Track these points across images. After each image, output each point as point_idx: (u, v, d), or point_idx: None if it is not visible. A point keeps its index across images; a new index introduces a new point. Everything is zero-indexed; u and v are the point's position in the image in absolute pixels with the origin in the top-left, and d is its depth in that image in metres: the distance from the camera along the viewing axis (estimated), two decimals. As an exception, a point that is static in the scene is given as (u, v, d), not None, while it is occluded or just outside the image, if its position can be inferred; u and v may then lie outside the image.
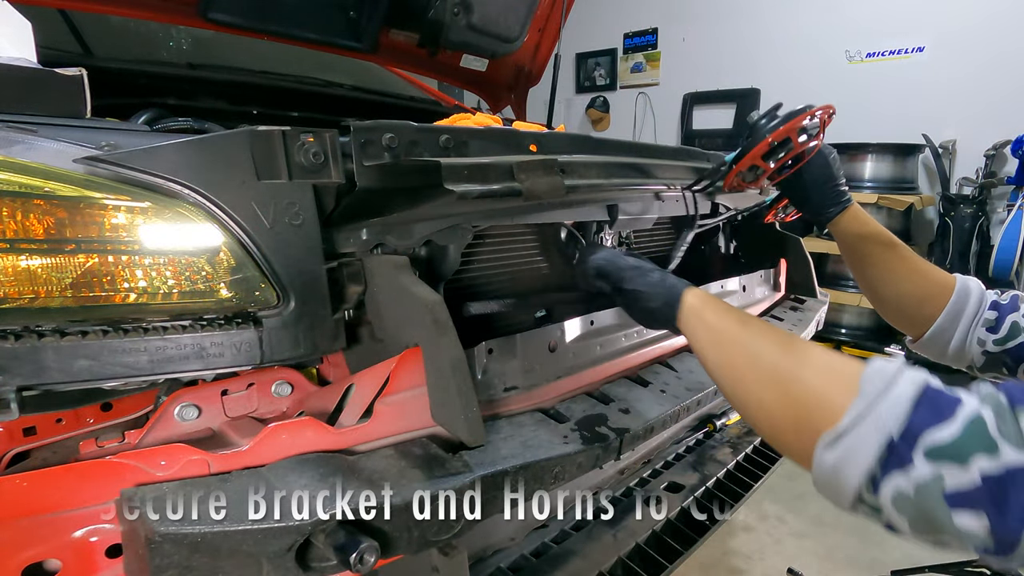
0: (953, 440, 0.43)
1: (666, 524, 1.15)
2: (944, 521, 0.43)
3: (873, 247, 0.94)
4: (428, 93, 2.03)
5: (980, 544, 0.42)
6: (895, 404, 0.46)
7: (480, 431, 0.64)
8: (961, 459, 0.42)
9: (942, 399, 0.46)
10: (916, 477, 0.43)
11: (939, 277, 0.89)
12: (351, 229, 0.72)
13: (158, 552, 0.50)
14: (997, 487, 0.41)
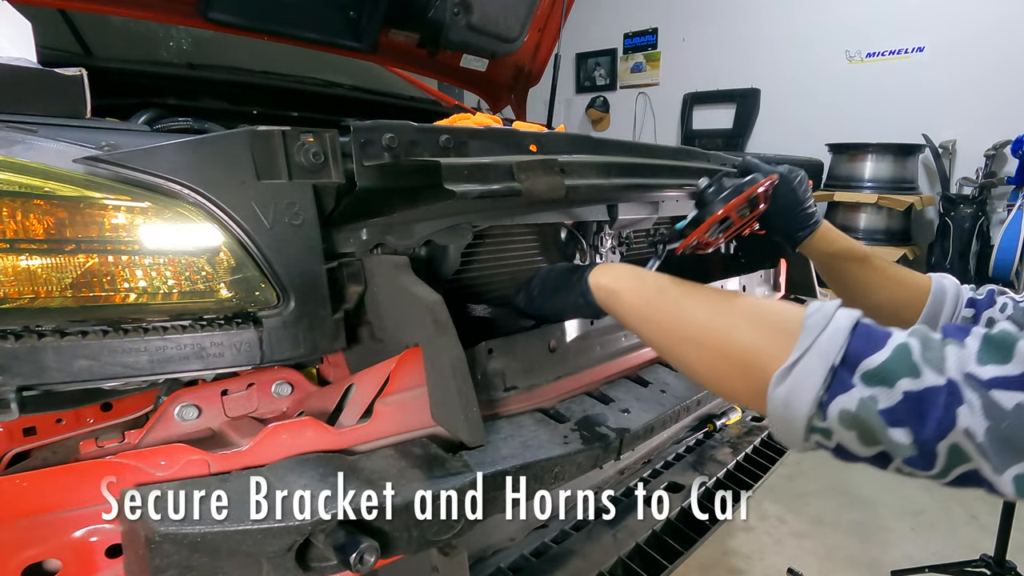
0: (883, 363, 0.48)
1: (666, 524, 1.15)
2: (881, 434, 0.48)
3: (844, 263, 0.96)
4: (428, 93, 2.03)
5: (908, 454, 0.47)
6: (835, 335, 0.51)
7: (480, 431, 0.64)
8: (888, 382, 0.48)
9: (875, 331, 0.52)
10: (856, 396, 0.49)
11: (914, 282, 0.91)
12: (351, 229, 0.72)
13: (158, 552, 0.50)
14: (918, 404, 0.46)
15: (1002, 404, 0.43)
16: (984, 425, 0.43)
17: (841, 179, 3.76)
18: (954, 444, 0.45)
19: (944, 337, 0.49)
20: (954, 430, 0.45)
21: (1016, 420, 0.42)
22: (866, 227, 3.70)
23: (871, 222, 3.69)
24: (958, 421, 0.45)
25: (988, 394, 0.44)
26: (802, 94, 4.37)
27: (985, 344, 0.46)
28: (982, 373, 0.44)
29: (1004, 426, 0.43)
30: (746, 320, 0.60)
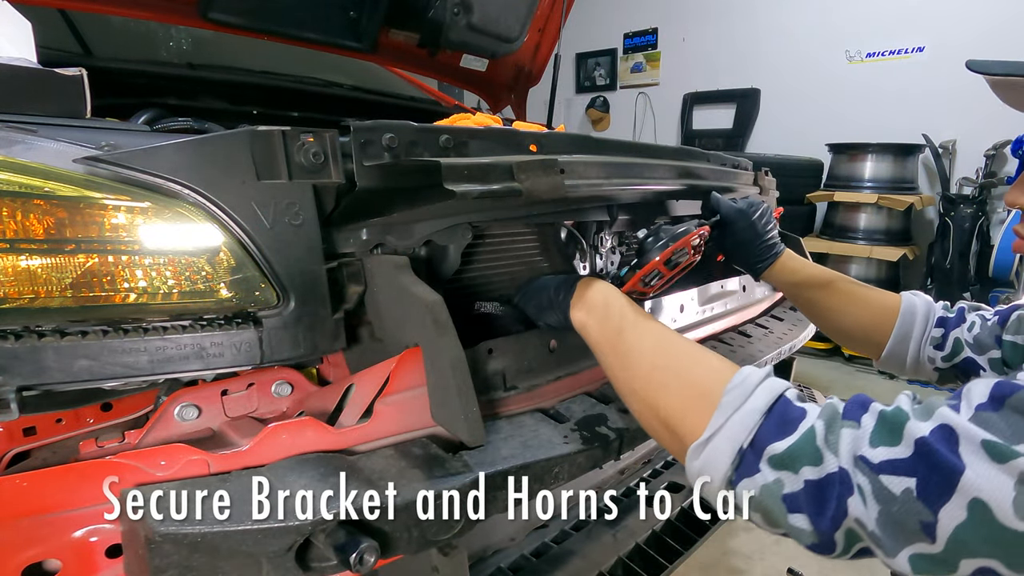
0: (788, 449, 0.49)
1: (666, 524, 1.15)
2: (782, 520, 0.49)
3: (808, 291, 0.97)
4: (428, 93, 2.03)
5: (809, 541, 0.48)
6: (747, 417, 0.52)
7: (480, 431, 0.64)
8: (793, 467, 0.48)
9: (789, 412, 0.51)
10: (760, 481, 0.50)
11: (883, 302, 0.90)
12: (351, 229, 0.72)
13: (158, 552, 0.50)
14: (817, 491, 0.46)
15: (891, 489, 0.42)
16: (875, 510, 0.43)
17: (841, 179, 3.77)
18: (848, 530, 0.46)
19: (844, 416, 0.48)
20: (847, 519, 0.45)
21: (905, 504, 0.42)
22: (866, 227, 3.70)
23: (871, 222, 3.69)
24: (849, 511, 0.45)
25: (878, 479, 0.43)
26: (802, 94, 4.37)
27: (879, 424, 0.45)
28: (873, 456, 0.44)
29: (895, 510, 0.42)
30: (678, 382, 0.60)
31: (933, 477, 0.41)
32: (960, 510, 0.39)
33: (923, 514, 0.41)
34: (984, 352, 0.80)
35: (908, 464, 0.42)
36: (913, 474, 0.42)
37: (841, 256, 3.76)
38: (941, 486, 0.40)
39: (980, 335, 0.80)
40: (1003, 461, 0.38)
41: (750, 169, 1.35)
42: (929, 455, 0.41)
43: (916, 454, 0.42)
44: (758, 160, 1.47)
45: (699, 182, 1.08)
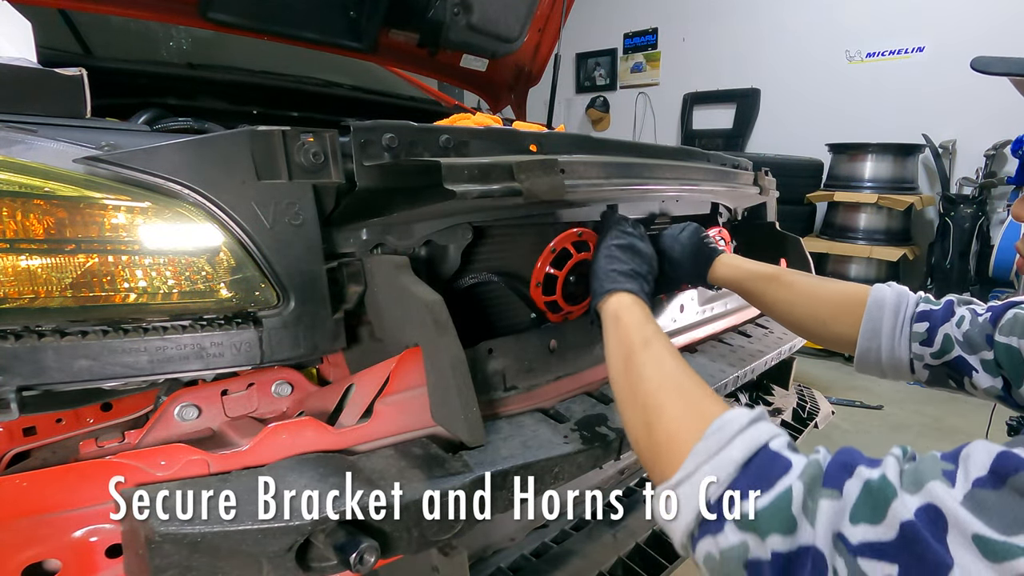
0: (759, 513, 0.43)
1: (666, 524, 1.15)
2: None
3: (754, 284, 0.93)
4: (428, 93, 2.03)
5: None
6: (719, 469, 0.47)
7: (480, 431, 0.64)
8: (761, 533, 0.42)
9: (770, 465, 0.46)
10: (723, 543, 0.45)
11: (843, 293, 0.84)
12: (351, 229, 0.72)
13: (158, 552, 0.50)
14: (785, 564, 0.41)
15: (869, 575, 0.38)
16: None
17: (841, 179, 3.77)
18: None
19: (826, 482, 0.43)
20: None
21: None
22: (866, 227, 3.70)
23: (871, 222, 3.69)
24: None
25: (856, 562, 0.38)
26: (802, 94, 4.37)
27: (863, 495, 0.40)
28: (852, 535, 0.39)
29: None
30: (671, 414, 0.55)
31: (917, 568, 0.36)
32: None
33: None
34: (975, 352, 0.71)
35: (891, 549, 0.37)
36: (895, 560, 0.37)
37: (841, 256, 3.76)
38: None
39: (971, 332, 0.72)
40: (996, 560, 0.34)
41: (750, 169, 1.35)
42: (915, 542, 0.37)
43: (901, 538, 0.37)
44: (758, 160, 1.47)
45: (698, 186, 1.08)
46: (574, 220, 1.02)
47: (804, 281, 0.89)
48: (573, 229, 0.95)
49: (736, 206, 1.45)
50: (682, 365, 0.61)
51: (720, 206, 1.41)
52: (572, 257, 0.95)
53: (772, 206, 1.52)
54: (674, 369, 0.61)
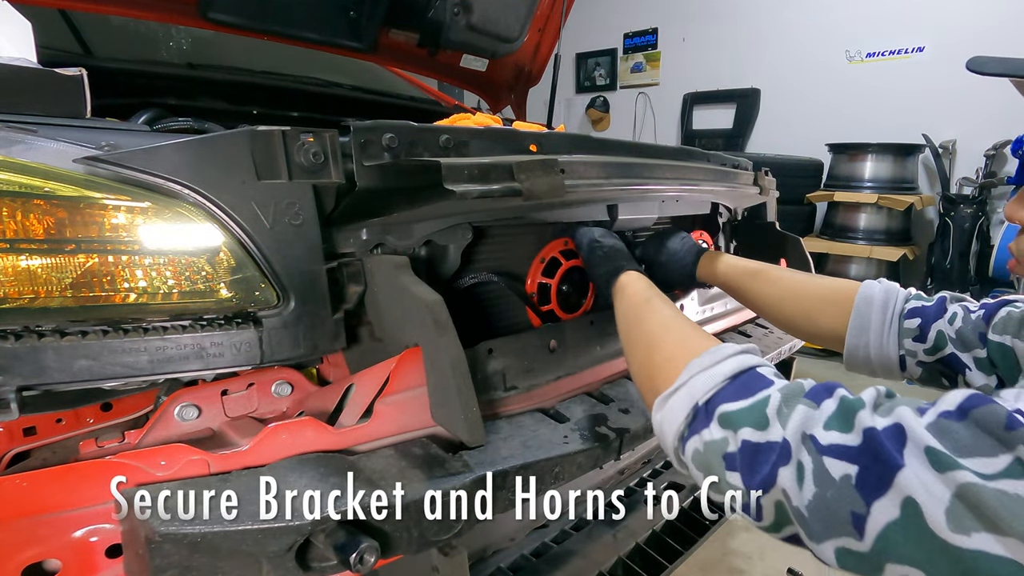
0: (739, 411, 0.49)
1: (666, 524, 1.15)
2: (721, 477, 0.49)
3: (741, 281, 0.95)
4: (428, 93, 2.03)
5: (741, 503, 0.48)
6: (710, 378, 0.53)
7: (480, 431, 0.64)
8: (736, 427, 0.48)
9: (755, 380, 0.52)
10: (707, 437, 0.51)
11: (828, 289, 0.85)
12: (351, 229, 0.72)
13: (158, 552, 0.50)
14: (752, 456, 0.47)
15: (831, 472, 0.42)
16: (811, 492, 0.42)
17: (841, 179, 3.77)
18: (778, 501, 0.45)
19: (807, 395, 0.47)
20: (775, 487, 0.45)
21: (841, 491, 0.41)
22: (866, 227, 3.70)
23: (871, 222, 3.69)
24: (778, 480, 0.44)
25: (821, 460, 0.42)
26: (802, 94, 4.37)
27: (838, 409, 0.45)
28: (823, 438, 0.43)
29: (829, 495, 0.41)
30: (672, 341, 0.63)
31: (874, 468, 0.40)
32: (893, 507, 0.39)
33: (856, 504, 0.40)
34: (969, 350, 0.71)
35: (854, 452, 0.41)
36: (856, 462, 0.41)
37: (841, 256, 3.76)
38: (880, 478, 0.39)
39: (963, 330, 0.71)
40: (942, 471, 0.37)
41: (750, 169, 1.35)
42: (875, 447, 0.40)
43: (864, 443, 0.41)
44: (758, 160, 1.47)
45: (698, 186, 1.08)
46: (574, 220, 1.02)
47: (791, 276, 0.90)
48: (559, 239, 0.98)
49: (736, 206, 1.45)
50: (681, 314, 0.70)
51: (720, 206, 1.41)
52: (562, 265, 0.96)
53: (772, 206, 1.52)
54: (674, 315, 0.69)
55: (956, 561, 0.36)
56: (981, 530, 0.35)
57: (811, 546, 0.44)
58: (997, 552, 0.35)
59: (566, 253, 0.99)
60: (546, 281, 0.97)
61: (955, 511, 0.36)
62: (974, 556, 0.35)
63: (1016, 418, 0.37)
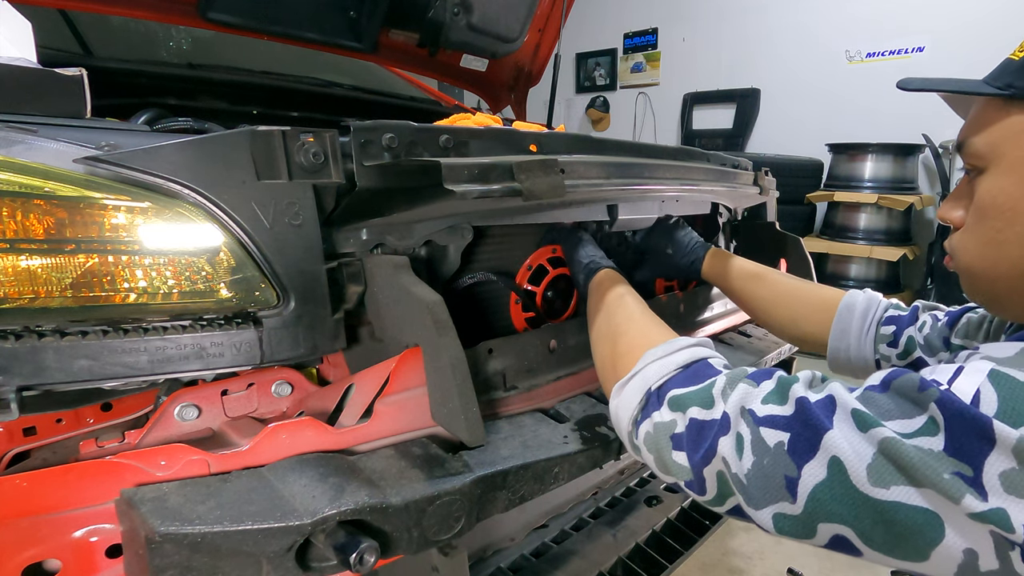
0: (687, 394, 0.53)
1: (666, 524, 1.15)
2: (667, 457, 0.53)
3: (741, 282, 0.99)
4: (428, 93, 2.03)
5: (685, 477, 0.52)
6: (663, 367, 0.58)
7: (480, 431, 0.64)
8: (684, 408, 0.53)
9: (705, 369, 0.56)
10: (658, 419, 0.55)
11: (820, 296, 0.90)
12: (351, 229, 0.72)
13: (158, 552, 0.50)
14: (698, 432, 0.51)
15: (767, 441, 0.45)
16: (750, 461, 0.46)
17: (841, 179, 3.76)
18: (719, 471, 0.49)
19: (749, 376, 0.52)
20: (716, 457, 0.49)
21: (776, 457, 0.44)
22: (866, 227, 3.70)
23: (871, 222, 3.69)
24: (719, 450, 0.48)
25: (758, 430, 0.46)
26: (802, 94, 4.37)
27: (776, 386, 0.49)
28: (760, 410, 0.47)
29: (766, 463, 0.45)
30: (632, 335, 0.67)
31: (804, 433, 0.43)
32: (821, 468, 0.42)
33: (789, 468, 0.43)
34: (934, 354, 0.77)
35: (786, 420, 0.45)
36: (788, 430, 0.44)
37: (841, 256, 3.76)
38: (809, 442, 0.43)
39: (931, 336, 0.78)
40: (864, 429, 0.41)
41: (750, 169, 1.35)
42: (805, 414, 0.44)
43: (796, 412, 0.45)
44: (758, 160, 1.47)
45: (698, 187, 1.08)
46: (574, 220, 1.02)
47: (786, 281, 0.96)
48: (547, 246, 1.00)
49: (736, 206, 1.46)
50: (648, 311, 0.73)
51: (720, 206, 1.41)
52: (549, 273, 0.98)
53: (772, 206, 1.52)
54: (642, 311, 0.72)
55: (878, 512, 0.39)
56: (900, 483, 0.39)
57: (751, 513, 0.47)
58: (914, 502, 0.38)
59: (553, 261, 1.01)
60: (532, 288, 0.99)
61: (876, 466, 0.40)
62: (894, 507, 0.39)
63: (927, 381, 0.41)
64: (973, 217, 0.54)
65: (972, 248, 0.54)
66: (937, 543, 0.38)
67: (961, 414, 0.38)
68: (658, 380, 0.57)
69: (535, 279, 0.99)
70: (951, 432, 0.38)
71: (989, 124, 0.51)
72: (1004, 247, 0.50)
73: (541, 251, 0.99)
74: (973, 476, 0.36)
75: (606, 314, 0.75)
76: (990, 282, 0.53)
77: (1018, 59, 0.50)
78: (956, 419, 0.38)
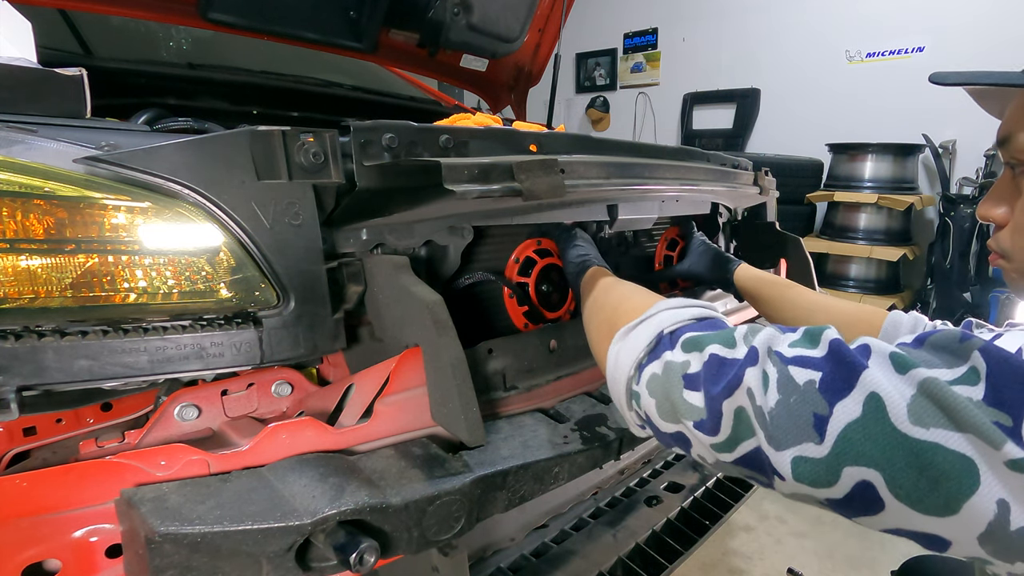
0: (704, 335, 0.51)
1: (666, 524, 1.15)
2: (676, 396, 0.49)
3: (774, 289, 1.00)
4: (428, 93, 2.03)
5: (697, 417, 0.48)
6: (677, 314, 0.55)
7: (480, 431, 0.64)
8: (702, 347, 0.50)
9: (719, 322, 0.54)
10: (669, 358, 0.51)
11: (860, 309, 0.89)
12: (351, 229, 0.72)
13: (158, 552, 0.50)
14: (719, 367, 0.48)
15: (796, 379, 0.43)
16: (775, 399, 0.43)
17: (841, 179, 3.76)
18: (739, 408, 0.46)
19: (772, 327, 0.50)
20: (740, 388, 0.45)
21: (805, 395, 0.42)
22: (866, 227, 3.70)
23: (871, 222, 3.69)
24: (744, 379, 0.45)
25: (786, 368, 0.44)
26: (802, 94, 4.36)
27: (804, 334, 0.47)
28: (788, 352, 0.45)
29: (793, 400, 0.42)
30: (636, 301, 0.63)
31: (839, 371, 0.41)
32: (856, 405, 0.40)
33: (819, 406, 0.41)
34: None
35: (818, 361, 0.43)
36: (820, 369, 0.42)
37: (841, 256, 3.76)
38: (844, 379, 0.41)
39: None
40: (903, 371, 0.39)
41: (750, 169, 1.35)
42: (839, 353, 0.42)
43: (829, 353, 0.43)
44: (758, 160, 1.47)
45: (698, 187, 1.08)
46: (574, 220, 1.02)
47: (821, 295, 0.96)
48: (532, 239, 1.00)
49: (736, 206, 1.46)
50: (646, 289, 0.70)
51: (720, 206, 1.41)
52: (537, 264, 0.98)
53: (772, 206, 1.52)
54: (638, 289, 0.70)
55: (914, 455, 0.37)
56: (940, 425, 0.37)
57: (769, 455, 0.44)
58: (952, 446, 0.36)
59: (541, 252, 1.02)
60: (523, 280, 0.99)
61: (918, 404, 0.38)
62: (932, 448, 0.37)
63: (968, 333, 0.40)
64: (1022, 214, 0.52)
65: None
66: (971, 494, 0.36)
67: (1007, 360, 0.37)
68: (672, 325, 0.54)
69: (524, 271, 0.99)
70: (992, 381, 0.37)
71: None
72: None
73: (527, 243, 0.99)
74: (1012, 426, 0.35)
75: (603, 291, 0.73)
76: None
77: None
78: (1000, 366, 0.37)
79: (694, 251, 1.20)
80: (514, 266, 0.98)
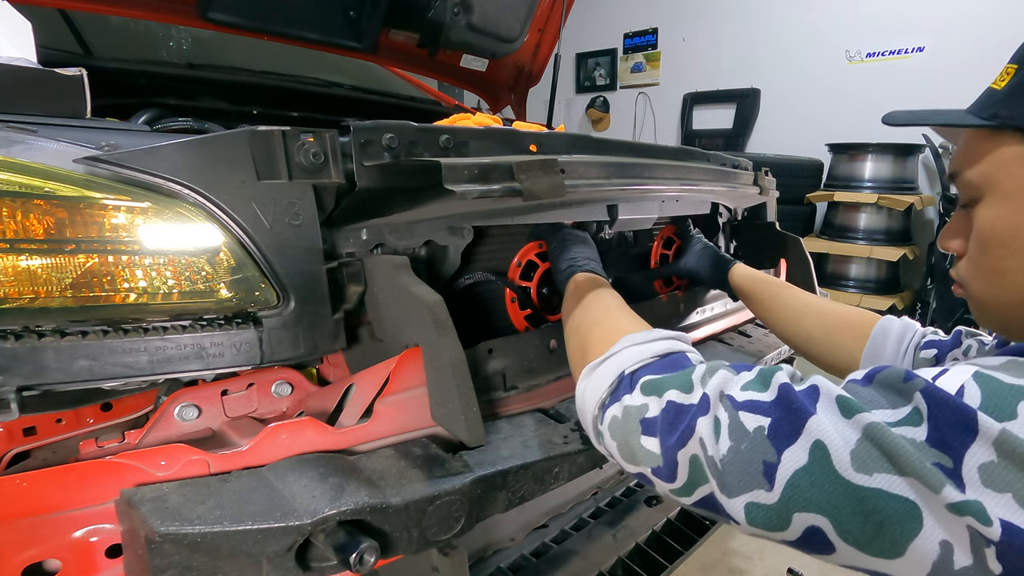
0: (663, 379, 0.52)
1: (666, 524, 1.15)
2: (635, 442, 0.51)
3: (767, 288, 1.00)
4: (428, 93, 2.03)
5: (654, 464, 0.50)
6: (640, 352, 0.56)
7: (480, 431, 0.64)
8: (660, 392, 0.51)
9: (682, 360, 0.55)
10: (628, 402, 0.53)
11: (851, 312, 0.88)
12: (351, 229, 0.72)
13: (158, 552, 0.50)
14: (675, 415, 0.49)
15: (746, 425, 0.44)
16: (727, 446, 0.44)
17: (841, 179, 3.76)
18: (694, 455, 0.47)
19: (729, 366, 0.51)
20: (692, 439, 0.47)
21: (754, 442, 0.43)
22: (866, 227, 3.70)
23: (871, 222, 3.69)
24: (696, 429, 0.46)
25: (737, 415, 0.45)
26: (802, 94, 4.37)
27: (757, 375, 0.48)
28: (740, 396, 0.46)
29: (743, 448, 0.43)
30: (609, 322, 0.65)
31: (786, 418, 0.42)
32: (803, 453, 0.41)
33: (768, 453, 0.42)
34: None
35: (768, 406, 0.44)
36: (769, 415, 0.43)
37: (841, 256, 3.76)
38: (791, 425, 0.42)
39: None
40: (849, 415, 0.40)
41: (750, 169, 1.35)
42: (788, 400, 0.43)
43: (778, 398, 0.44)
44: (758, 160, 1.47)
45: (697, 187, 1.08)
46: (574, 220, 1.02)
47: (815, 297, 0.95)
48: (534, 242, 1.00)
49: (736, 206, 1.45)
50: (625, 306, 0.72)
51: (720, 206, 1.41)
52: (539, 267, 0.98)
53: (772, 206, 1.52)
54: (619, 305, 0.71)
55: (858, 501, 0.38)
56: (883, 470, 0.38)
57: (723, 502, 0.45)
58: (895, 491, 0.37)
59: (543, 256, 1.01)
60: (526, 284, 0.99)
61: (861, 451, 0.39)
62: (875, 494, 0.38)
63: (912, 373, 0.41)
64: (975, 247, 0.53)
65: (979, 277, 0.53)
66: (914, 536, 0.37)
67: (946, 402, 0.38)
68: (633, 365, 0.55)
69: (526, 275, 0.99)
70: (934, 422, 0.38)
71: (980, 155, 0.51)
72: (1009, 275, 0.50)
73: (528, 247, 0.99)
74: (952, 468, 0.36)
75: (582, 308, 0.73)
76: (1001, 309, 0.52)
77: (1001, 88, 0.50)
78: (940, 408, 0.38)
79: (691, 250, 1.19)
80: (516, 269, 0.98)
